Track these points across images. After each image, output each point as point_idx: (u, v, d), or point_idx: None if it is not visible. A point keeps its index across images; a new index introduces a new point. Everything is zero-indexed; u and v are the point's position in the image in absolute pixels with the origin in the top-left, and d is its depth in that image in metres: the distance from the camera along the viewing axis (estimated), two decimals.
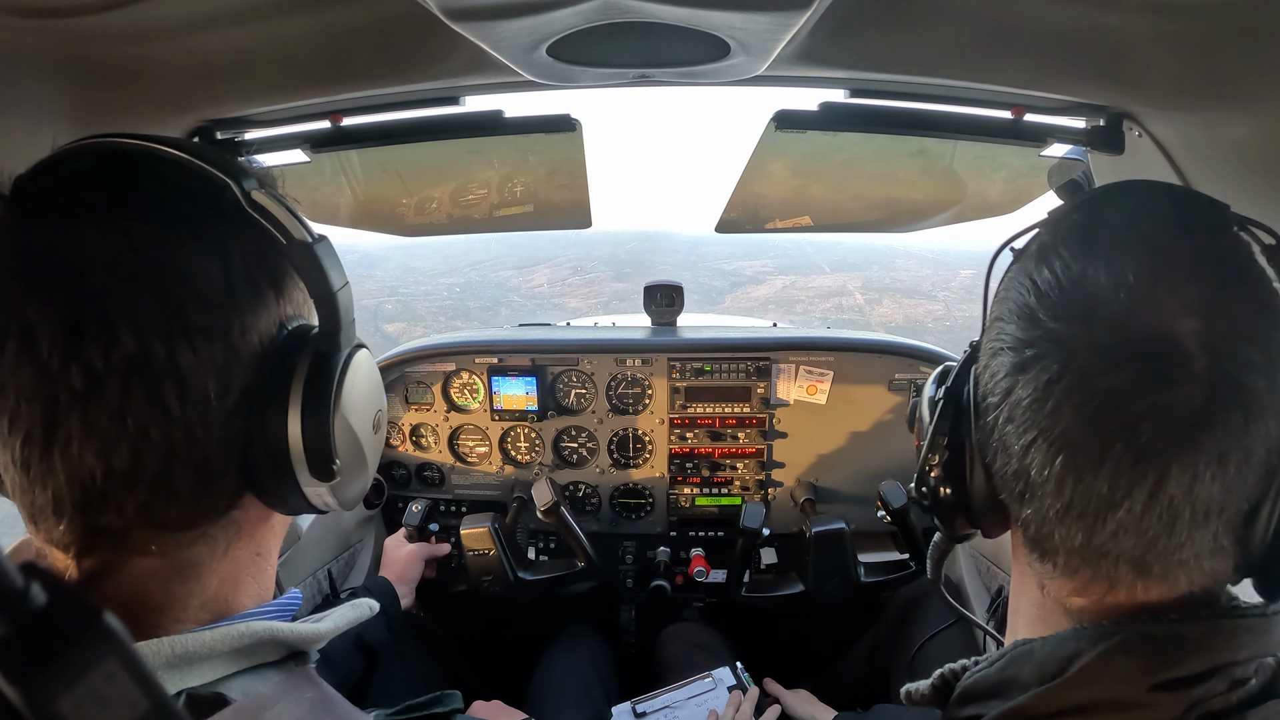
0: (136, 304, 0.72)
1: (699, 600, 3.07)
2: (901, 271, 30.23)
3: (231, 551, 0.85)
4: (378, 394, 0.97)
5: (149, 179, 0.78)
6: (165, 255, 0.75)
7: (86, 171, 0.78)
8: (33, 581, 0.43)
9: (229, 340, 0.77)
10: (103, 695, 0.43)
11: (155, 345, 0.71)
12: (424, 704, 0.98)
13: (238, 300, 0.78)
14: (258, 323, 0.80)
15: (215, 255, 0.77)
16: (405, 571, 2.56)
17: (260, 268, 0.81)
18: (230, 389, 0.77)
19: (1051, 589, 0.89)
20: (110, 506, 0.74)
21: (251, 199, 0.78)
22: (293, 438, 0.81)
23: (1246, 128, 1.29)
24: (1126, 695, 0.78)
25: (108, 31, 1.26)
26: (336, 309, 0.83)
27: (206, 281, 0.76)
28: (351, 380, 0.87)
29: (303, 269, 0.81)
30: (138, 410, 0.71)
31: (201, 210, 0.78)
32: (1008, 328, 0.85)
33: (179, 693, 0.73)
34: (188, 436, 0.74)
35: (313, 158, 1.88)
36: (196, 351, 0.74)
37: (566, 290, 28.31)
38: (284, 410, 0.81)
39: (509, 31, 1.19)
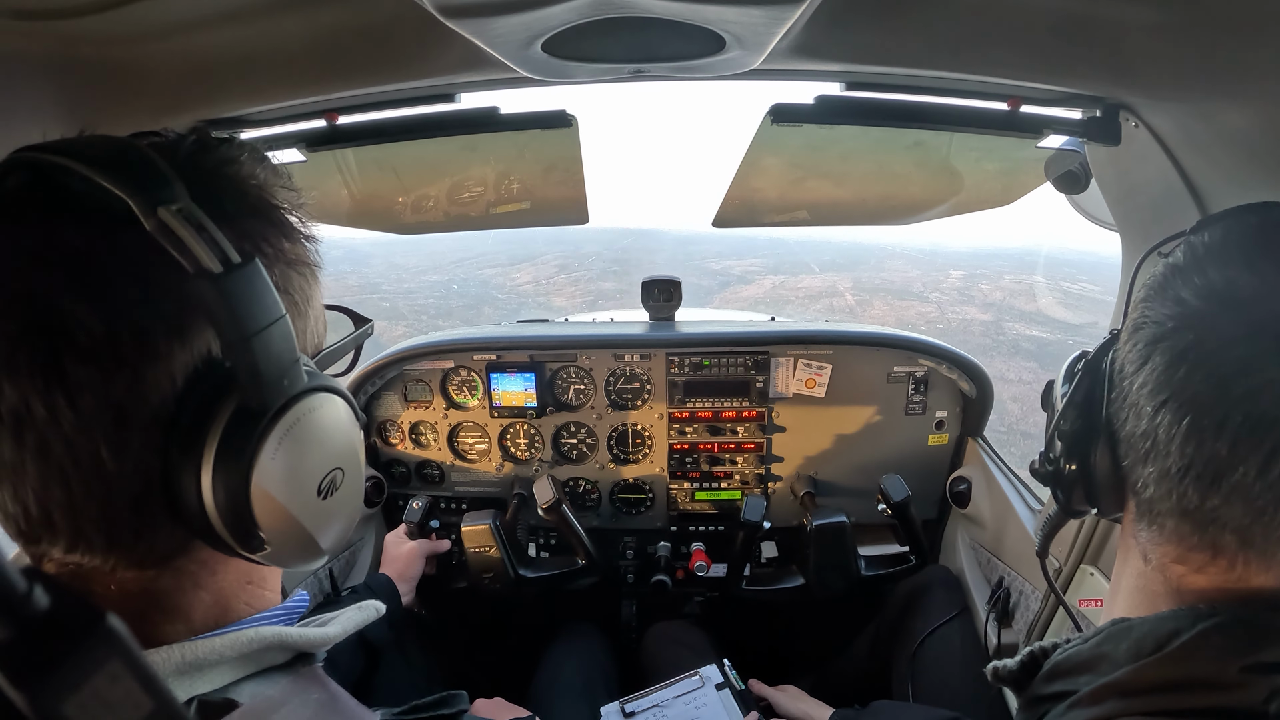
0: (15, 352, 0.64)
1: (700, 595, 3.07)
2: (892, 272, 30.26)
3: (210, 584, 0.81)
4: (334, 450, 0.82)
5: (50, 202, 0.69)
6: (44, 298, 0.65)
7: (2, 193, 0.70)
8: (35, 585, 0.43)
9: (113, 398, 0.67)
10: (107, 698, 0.43)
11: (34, 401, 0.64)
12: (431, 704, 0.96)
13: (122, 352, 0.67)
14: (152, 374, 0.68)
15: (98, 297, 0.66)
16: (406, 569, 2.56)
17: (151, 309, 0.69)
18: (127, 449, 0.68)
19: (1155, 557, 0.91)
20: (44, 545, 0.71)
21: (158, 218, 0.66)
22: (208, 506, 0.71)
23: (1243, 118, 1.29)
24: (1218, 675, 0.79)
25: (102, 33, 1.26)
26: (252, 356, 0.70)
27: (85, 331, 0.65)
28: (276, 442, 0.74)
29: (206, 308, 0.69)
30: (33, 466, 0.66)
31: (93, 238, 0.68)
32: (1153, 307, 0.88)
33: (189, 700, 0.72)
34: (88, 494, 0.68)
35: (309, 156, 1.87)
36: (77, 410, 0.65)
37: (552, 289, 28.26)
38: (196, 476, 0.70)
39: (504, 28, 1.19)
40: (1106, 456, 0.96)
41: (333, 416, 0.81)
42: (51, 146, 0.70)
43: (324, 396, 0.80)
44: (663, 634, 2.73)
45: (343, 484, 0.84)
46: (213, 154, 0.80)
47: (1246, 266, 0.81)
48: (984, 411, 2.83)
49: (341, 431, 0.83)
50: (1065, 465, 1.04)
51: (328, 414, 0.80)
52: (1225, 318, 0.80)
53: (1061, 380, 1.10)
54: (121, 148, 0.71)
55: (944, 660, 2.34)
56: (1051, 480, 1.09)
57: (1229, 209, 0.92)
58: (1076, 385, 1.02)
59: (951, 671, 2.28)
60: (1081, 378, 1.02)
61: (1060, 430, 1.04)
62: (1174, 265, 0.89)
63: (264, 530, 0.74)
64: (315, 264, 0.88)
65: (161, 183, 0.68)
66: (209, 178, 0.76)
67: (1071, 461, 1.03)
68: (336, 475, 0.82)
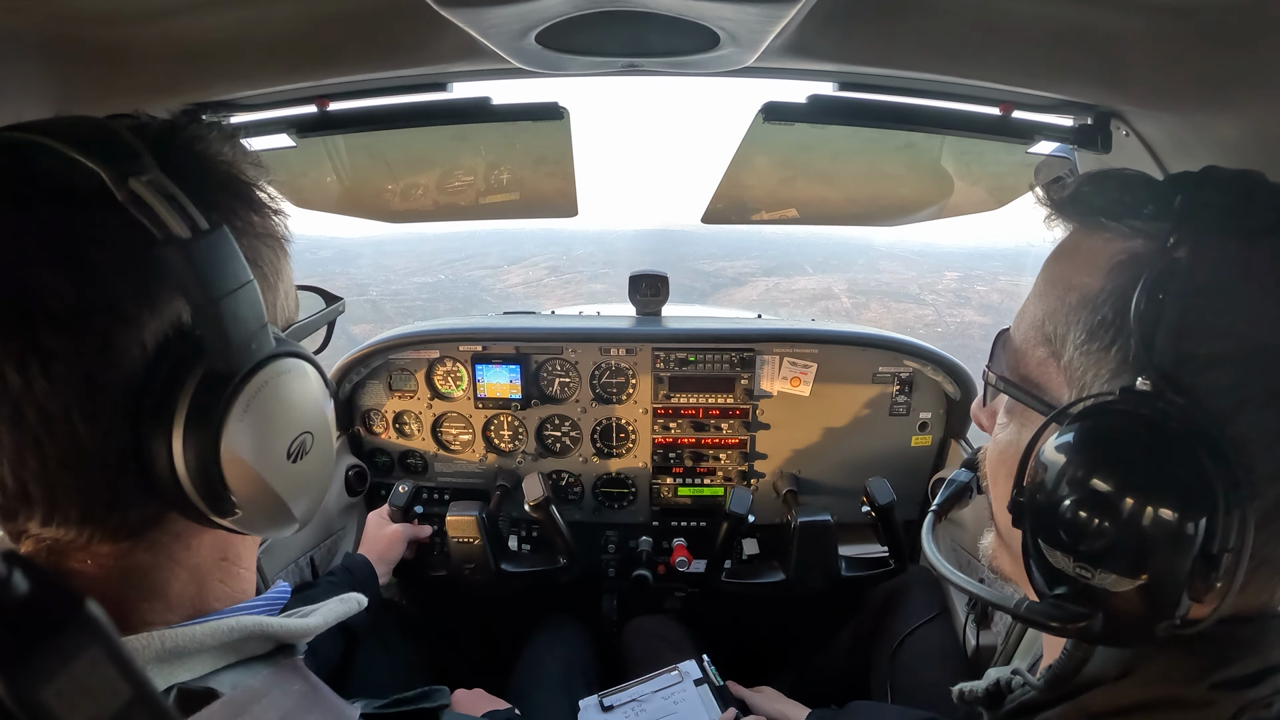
0: None
1: (680, 591, 3.07)
2: (887, 273, 30.23)
3: (185, 559, 0.82)
4: (299, 415, 0.83)
5: (18, 176, 0.70)
6: (17, 268, 0.67)
7: None
8: (14, 569, 0.42)
9: (85, 364, 0.68)
10: (86, 684, 0.43)
11: (8, 369, 0.65)
12: (412, 698, 0.96)
13: (93, 319, 0.68)
14: (123, 340, 0.69)
15: (70, 266, 0.68)
16: (386, 551, 2.55)
17: (122, 277, 0.70)
18: (99, 415, 0.69)
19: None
20: (21, 519, 0.71)
21: (128, 188, 0.68)
22: (179, 470, 0.72)
23: (1233, 129, 1.30)
24: (1187, 693, 0.79)
25: (93, 14, 1.25)
26: (220, 319, 0.72)
27: (57, 298, 0.66)
28: (245, 404, 0.75)
29: (175, 273, 0.70)
30: (7, 438, 0.67)
31: (63, 209, 0.69)
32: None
33: (169, 688, 0.72)
34: (62, 464, 0.69)
35: (299, 142, 1.87)
36: (50, 377, 0.66)
37: (543, 290, 28.13)
38: (167, 439, 0.71)
39: (498, 18, 1.18)
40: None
41: (301, 382, 0.83)
42: (23, 126, 0.71)
43: (292, 362, 0.81)
44: (643, 628, 2.73)
45: (312, 449, 0.85)
46: (182, 132, 0.81)
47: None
48: (968, 414, 2.83)
49: (310, 397, 0.85)
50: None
51: (296, 379, 0.82)
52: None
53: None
54: (93, 125, 0.72)
55: (923, 661, 2.35)
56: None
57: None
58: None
59: (930, 672, 2.29)
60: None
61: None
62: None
63: (235, 494, 0.75)
64: (284, 238, 0.89)
65: (131, 156, 0.70)
66: (178, 153, 0.77)
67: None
68: (306, 439, 0.84)
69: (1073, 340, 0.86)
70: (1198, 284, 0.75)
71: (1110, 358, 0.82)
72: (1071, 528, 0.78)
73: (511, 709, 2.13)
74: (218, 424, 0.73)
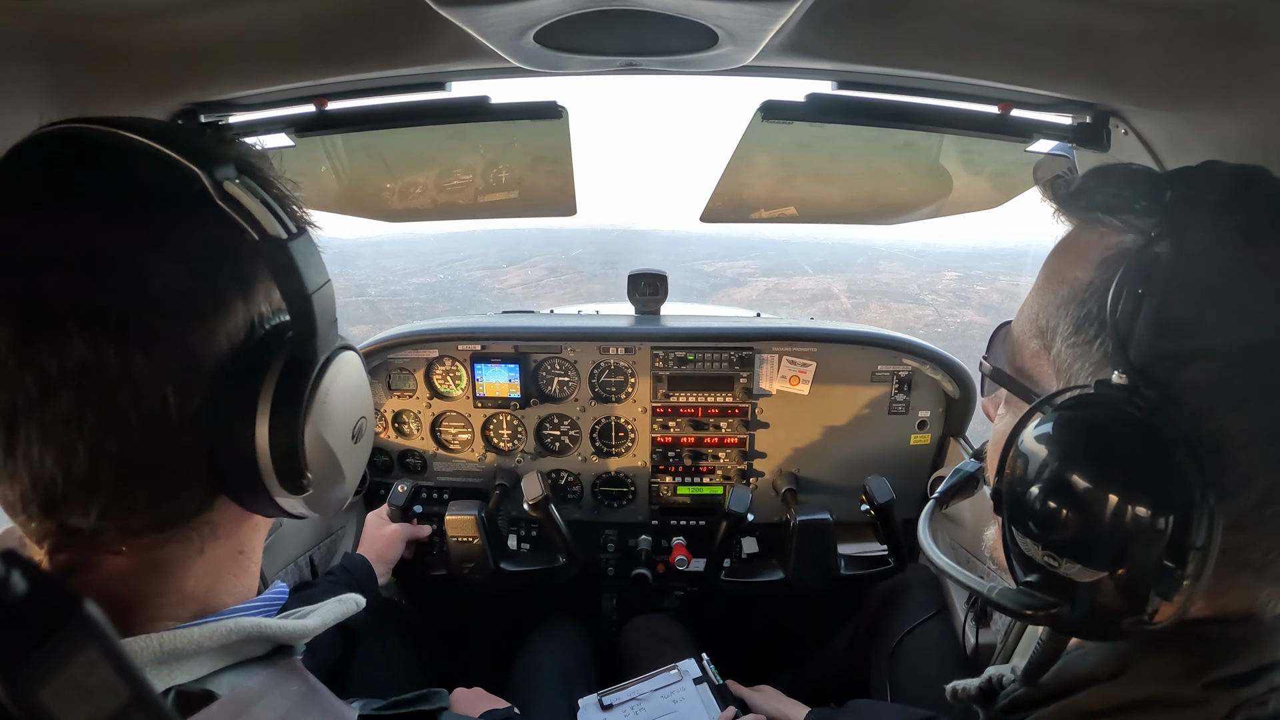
0: (90, 308, 0.68)
1: (680, 590, 3.08)
2: (886, 274, 30.11)
3: (209, 551, 0.83)
4: (360, 401, 0.92)
5: (115, 169, 0.74)
6: (122, 255, 0.70)
7: (51, 160, 0.74)
8: (12, 570, 0.42)
9: (187, 347, 0.73)
10: (84, 684, 0.43)
11: (108, 352, 0.68)
12: (411, 700, 0.97)
13: (197, 304, 0.74)
14: (221, 327, 0.75)
15: (175, 255, 0.73)
16: (386, 550, 2.55)
17: (225, 268, 0.76)
18: (190, 397, 0.73)
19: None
20: (74, 510, 0.72)
21: (224, 190, 0.73)
22: (260, 449, 0.77)
23: (1231, 128, 1.30)
24: (1181, 692, 0.79)
25: (91, 12, 1.25)
26: (311, 311, 0.79)
27: (163, 284, 0.71)
28: (327, 388, 0.82)
29: (274, 268, 0.77)
30: (92, 419, 0.69)
31: (166, 204, 0.74)
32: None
33: (168, 690, 0.72)
34: (146, 446, 0.72)
35: (297, 141, 1.86)
36: (152, 359, 0.70)
37: (541, 291, 28.01)
38: (251, 420, 0.77)
39: (497, 17, 1.18)
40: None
41: (359, 371, 0.92)
42: (101, 120, 0.75)
43: (351, 353, 0.89)
44: (642, 627, 2.73)
45: (365, 431, 0.95)
46: (235, 145, 0.85)
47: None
48: (966, 412, 2.84)
49: (365, 384, 0.94)
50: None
51: (356, 368, 0.91)
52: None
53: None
54: (174, 128, 0.81)
55: (922, 659, 2.35)
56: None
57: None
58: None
59: (929, 671, 2.29)
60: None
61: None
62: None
63: (311, 470, 0.81)
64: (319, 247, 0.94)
65: (224, 162, 0.75)
66: (243, 164, 0.80)
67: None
68: (363, 423, 0.93)
69: (1061, 333, 0.88)
70: (1178, 280, 0.75)
71: (1094, 351, 0.83)
72: (1039, 517, 0.80)
73: (510, 708, 2.13)
74: (306, 404, 0.79)
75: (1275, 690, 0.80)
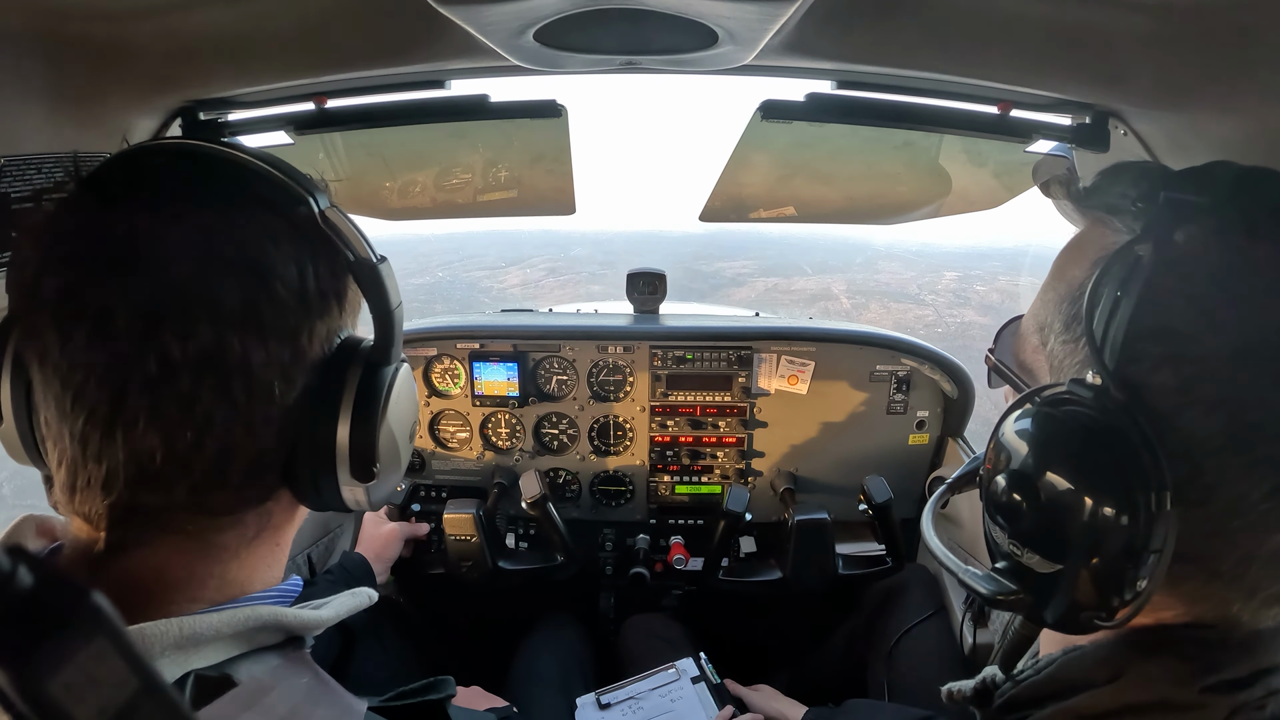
0: (219, 298, 0.74)
1: (678, 589, 3.08)
2: (886, 274, 30.04)
3: (257, 539, 0.88)
4: (416, 405, 1.02)
5: (233, 180, 0.81)
6: (250, 254, 0.77)
7: (167, 166, 0.81)
8: (19, 564, 0.42)
9: (297, 343, 0.81)
10: (93, 675, 0.43)
11: (232, 340, 0.75)
12: (417, 690, 0.98)
13: (309, 306, 0.82)
14: (322, 329, 0.84)
15: (293, 261, 0.80)
16: (384, 550, 2.54)
17: (329, 279, 0.84)
18: (292, 388, 0.81)
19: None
20: (162, 486, 0.77)
21: (325, 215, 0.82)
22: (340, 439, 0.86)
23: (1230, 128, 1.31)
24: (1179, 696, 0.79)
25: (91, 10, 1.25)
26: (392, 325, 0.90)
27: (285, 285, 0.79)
28: (398, 392, 0.92)
29: (366, 286, 0.87)
30: (206, 400, 0.75)
31: (283, 217, 0.81)
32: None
33: (186, 674, 0.74)
34: (248, 429, 0.78)
35: (297, 140, 1.86)
36: (268, 350, 0.77)
37: (540, 292, 27.94)
38: (335, 414, 0.86)
39: (497, 15, 1.18)
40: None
41: (413, 380, 1.01)
42: (228, 143, 0.84)
43: (408, 366, 0.99)
44: (640, 626, 2.73)
45: (414, 430, 1.04)
46: (324, 181, 0.94)
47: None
48: (965, 412, 2.84)
49: (416, 393, 1.03)
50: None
51: (411, 378, 1.00)
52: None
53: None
54: (274, 158, 0.85)
55: (920, 659, 2.35)
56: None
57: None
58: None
59: (927, 670, 2.29)
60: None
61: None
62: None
63: (380, 461, 0.89)
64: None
65: (320, 189, 0.85)
66: (332, 199, 0.89)
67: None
68: (414, 425, 1.03)
69: (1055, 330, 0.90)
70: (1154, 284, 0.75)
71: (1079, 350, 0.84)
72: (1006, 507, 0.84)
73: (509, 707, 2.13)
74: (385, 402, 0.89)
75: (1272, 694, 0.80)
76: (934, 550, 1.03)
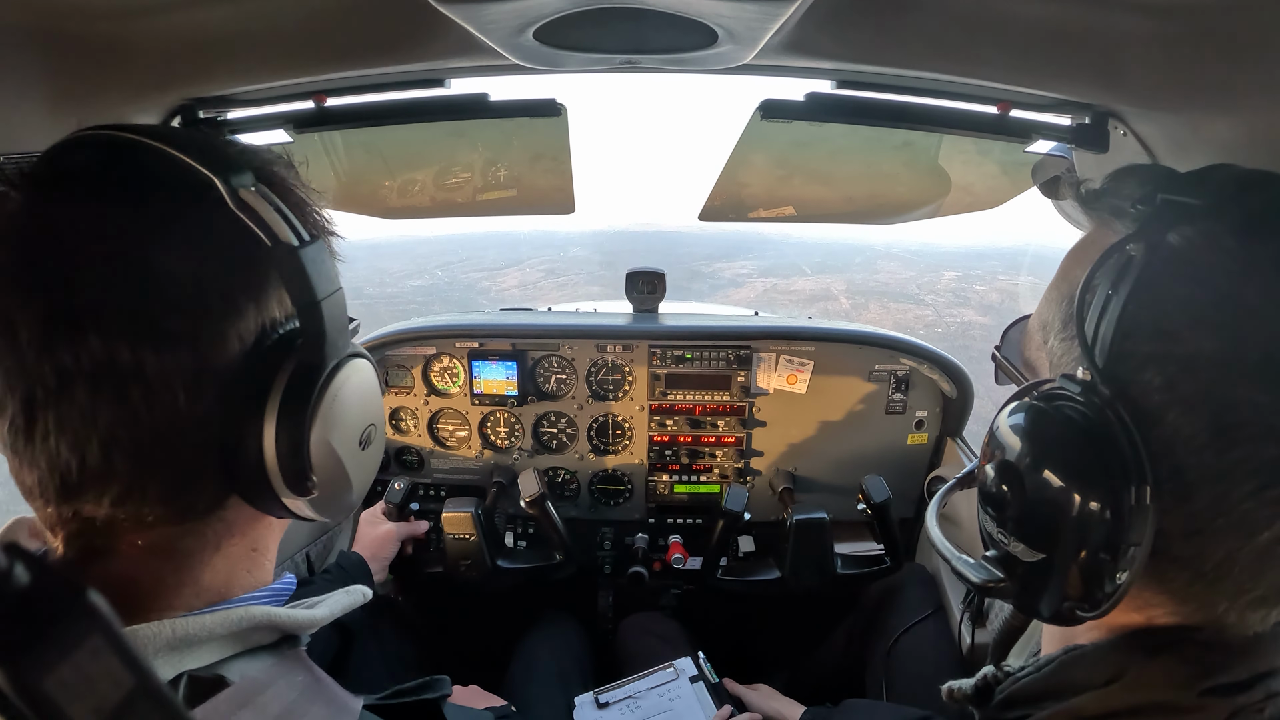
0: (104, 305, 0.71)
1: (676, 588, 3.08)
2: (885, 274, 29.95)
3: (225, 546, 0.85)
4: (371, 408, 0.93)
5: (134, 173, 0.76)
6: (137, 256, 0.73)
7: (81, 163, 0.76)
8: (15, 562, 0.42)
9: (197, 348, 0.74)
10: (88, 673, 0.43)
11: (121, 349, 0.70)
12: (413, 689, 0.98)
13: (208, 307, 0.75)
14: (232, 330, 0.77)
15: (190, 258, 0.75)
16: (380, 549, 2.53)
17: (237, 273, 0.78)
18: (201, 396, 0.75)
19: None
20: (88, 498, 0.74)
21: (239, 197, 0.75)
22: (267, 451, 0.79)
23: (1230, 129, 1.30)
24: (1178, 699, 0.80)
25: (89, 7, 1.25)
26: (320, 318, 0.80)
27: (176, 286, 0.73)
28: (334, 394, 0.84)
29: (284, 275, 0.79)
30: (106, 412, 0.71)
31: (182, 208, 0.76)
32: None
33: (179, 675, 0.74)
34: (156, 440, 0.74)
35: (296, 138, 1.86)
36: (162, 358, 0.72)
37: (538, 293, 27.88)
38: (259, 422, 0.78)
39: (496, 14, 1.18)
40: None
41: (370, 378, 0.93)
42: (125, 128, 0.77)
43: (362, 360, 0.91)
44: (638, 625, 2.74)
45: (375, 439, 0.95)
46: (259, 153, 0.88)
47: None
48: (964, 412, 2.85)
49: (375, 392, 0.95)
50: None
51: (367, 375, 0.92)
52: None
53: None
54: (194, 136, 0.80)
55: (918, 659, 2.35)
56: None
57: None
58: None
59: (925, 670, 2.29)
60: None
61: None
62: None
63: (316, 473, 0.82)
64: (337, 255, 0.95)
65: (239, 168, 0.77)
66: (264, 173, 0.83)
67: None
68: (372, 430, 0.94)
69: (1054, 328, 0.92)
70: (1143, 284, 0.76)
71: (1074, 347, 0.86)
72: (994, 497, 0.88)
73: (507, 706, 2.13)
74: (312, 408, 0.81)
75: (1272, 697, 0.80)
76: (934, 539, 1.05)
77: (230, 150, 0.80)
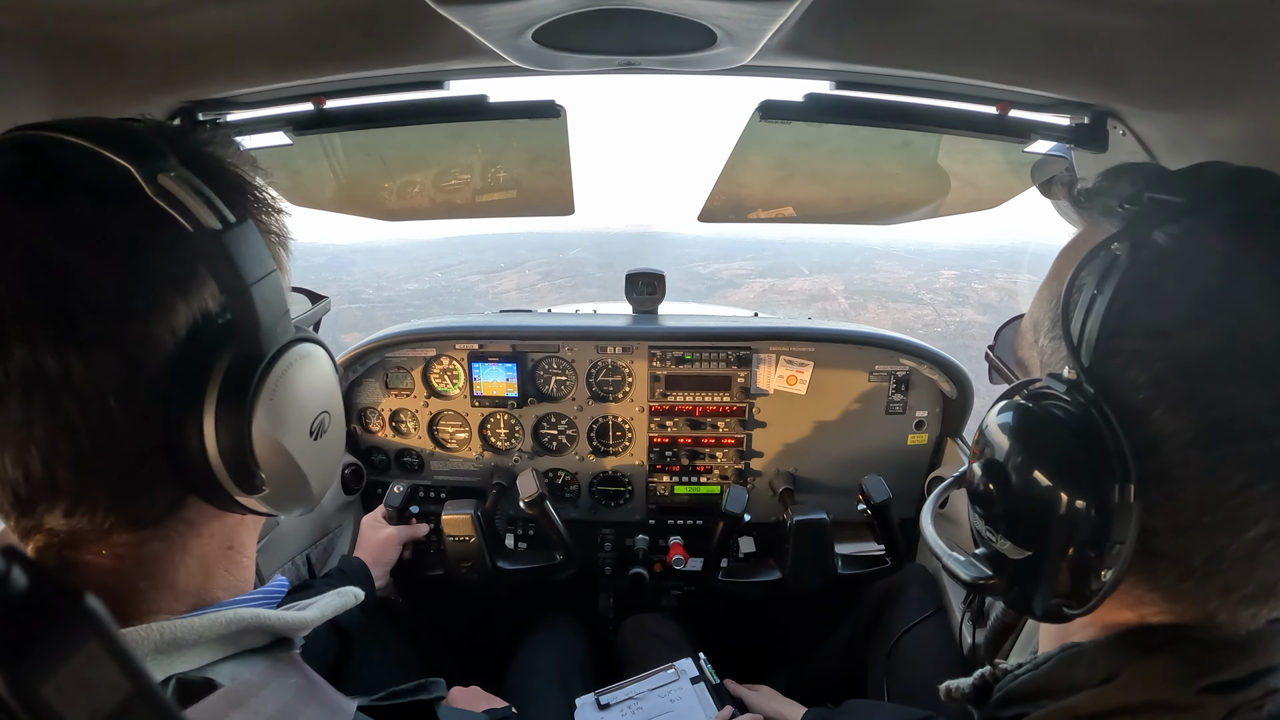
0: (27, 313, 0.68)
1: (677, 589, 3.08)
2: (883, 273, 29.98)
3: (195, 548, 0.84)
4: (321, 396, 0.89)
5: (50, 172, 0.73)
6: (56, 260, 0.69)
7: (4, 167, 0.73)
8: (13, 565, 0.42)
9: (124, 350, 0.71)
10: (85, 678, 0.43)
11: (47, 357, 0.68)
12: (409, 690, 0.97)
13: (132, 305, 0.72)
14: (162, 327, 0.73)
15: (105, 256, 0.71)
16: (381, 553, 2.53)
17: (160, 266, 0.74)
18: (135, 399, 0.72)
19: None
20: (40, 511, 0.73)
21: (157, 184, 0.71)
22: (210, 450, 0.76)
23: (1229, 128, 1.31)
24: (1177, 697, 0.80)
25: (89, 10, 1.25)
26: (251, 305, 0.76)
27: (97, 289, 0.70)
28: (274, 386, 0.80)
29: (209, 262, 0.75)
30: (41, 424, 0.69)
31: (98, 204, 0.72)
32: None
33: (168, 678, 0.73)
34: (97, 449, 0.71)
35: (295, 140, 1.86)
36: (89, 364, 0.69)
37: (536, 296, 27.89)
38: (199, 421, 0.75)
39: (496, 16, 1.18)
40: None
41: (319, 364, 0.89)
42: (45, 125, 0.74)
43: (310, 346, 0.87)
44: (639, 626, 2.73)
45: (330, 427, 0.91)
46: (193, 135, 0.85)
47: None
48: (964, 412, 2.84)
49: (327, 378, 0.91)
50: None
51: (315, 362, 0.88)
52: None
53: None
54: (114, 125, 0.76)
55: (919, 659, 2.35)
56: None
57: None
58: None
59: (926, 670, 2.29)
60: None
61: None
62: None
63: (264, 469, 0.79)
64: (289, 237, 0.93)
65: (158, 154, 0.73)
66: (193, 155, 0.80)
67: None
68: (325, 418, 0.90)
69: (1045, 328, 0.92)
70: (1127, 282, 0.77)
71: (1062, 346, 0.85)
72: (982, 495, 0.88)
73: (508, 707, 2.13)
74: (250, 403, 0.77)
75: (1270, 695, 0.80)
76: (927, 536, 1.06)
77: (156, 136, 0.76)
